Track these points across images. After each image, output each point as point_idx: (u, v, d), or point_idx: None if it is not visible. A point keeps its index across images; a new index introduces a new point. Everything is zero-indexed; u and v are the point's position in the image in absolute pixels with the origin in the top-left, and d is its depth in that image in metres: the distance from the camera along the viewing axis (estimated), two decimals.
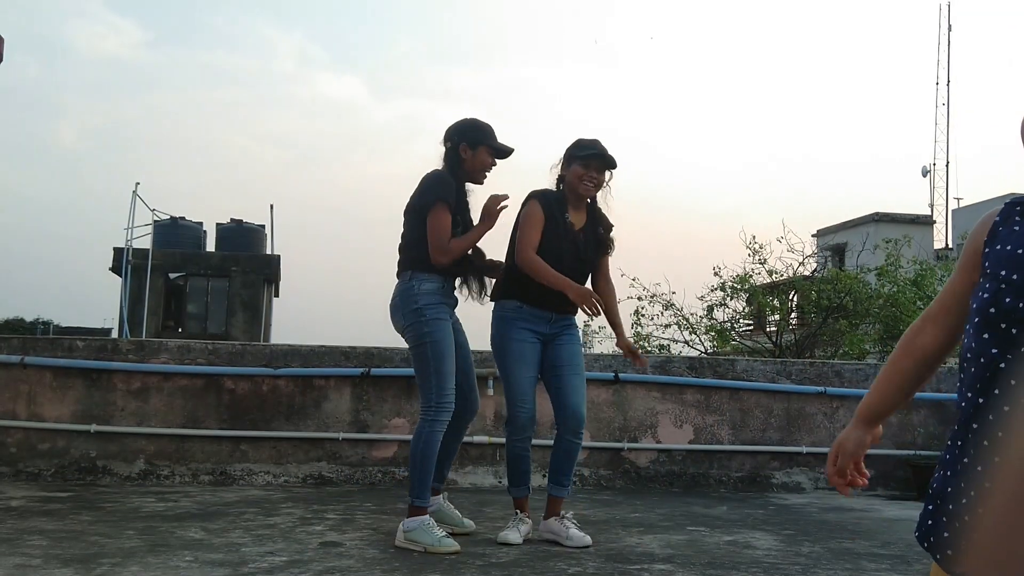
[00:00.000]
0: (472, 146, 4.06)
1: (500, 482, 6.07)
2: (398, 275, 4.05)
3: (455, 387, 3.96)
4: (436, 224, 3.92)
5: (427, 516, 3.84)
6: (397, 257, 4.09)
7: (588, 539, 3.94)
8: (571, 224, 4.12)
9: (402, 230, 4.11)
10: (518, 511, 4.10)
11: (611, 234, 4.27)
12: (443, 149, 4.14)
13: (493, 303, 4.18)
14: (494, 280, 4.25)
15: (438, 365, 3.90)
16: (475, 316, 4.43)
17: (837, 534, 4.54)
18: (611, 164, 4.12)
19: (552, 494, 4.11)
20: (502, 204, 4.01)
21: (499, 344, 4.12)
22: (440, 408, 3.89)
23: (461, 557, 3.62)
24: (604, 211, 4.26)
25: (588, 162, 4.08)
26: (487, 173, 4.12)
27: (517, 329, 4.06)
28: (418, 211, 4.00)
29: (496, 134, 4.16)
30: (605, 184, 4.18)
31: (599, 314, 3.97)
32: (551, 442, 4.25)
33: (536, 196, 4.10)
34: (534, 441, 4.24)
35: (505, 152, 4.13)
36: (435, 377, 3.89)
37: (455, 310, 4.14)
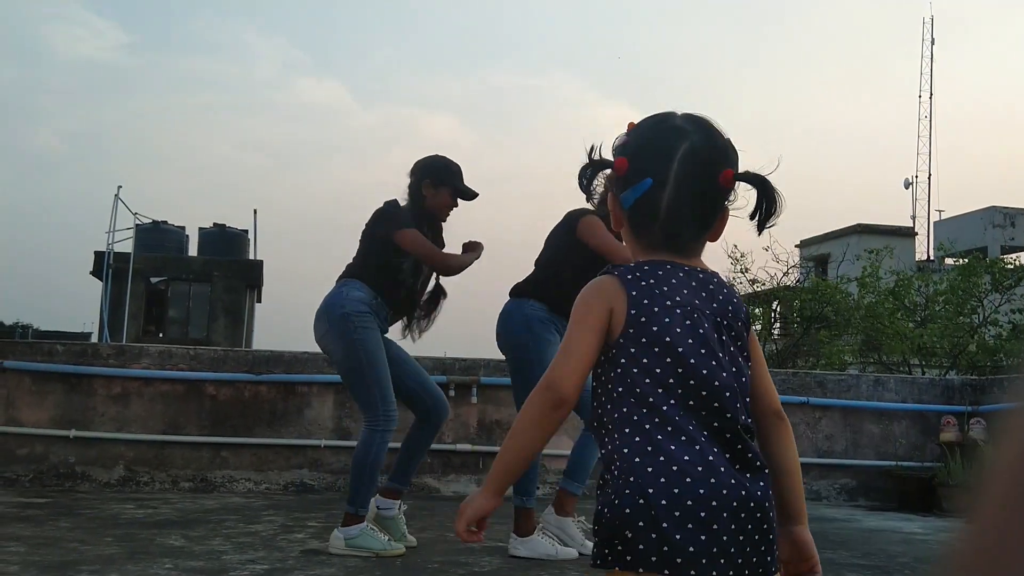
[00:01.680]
0: (435, 185, 4.00)
1: None
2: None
3: (416, 394, 3.97)
4: (417, 241, 3.84)
5: (365, 523, 3.79)
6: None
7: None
8: None
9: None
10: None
11: None
12: (408, 181, 4.06)
13: (517, 298, 3.96)
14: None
15: (377, 373, 3.76)
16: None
17: (818, 544, 4.52)
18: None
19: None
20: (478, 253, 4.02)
21: (532, 344, 3.86)
22: (388, 419, 3.76)
23: (443, 566, 3.60)
24: None
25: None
26: (448, 212, 4.07)
27: (552, 332, 3.91)
28: (374, 238, 3.95)
29: (463, 176, 4.11)
30: None
31: None
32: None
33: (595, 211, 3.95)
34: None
35: (468, 195, 4.09)
36: (376, 388, 3.75)
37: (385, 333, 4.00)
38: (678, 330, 1.29)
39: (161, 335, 22.10)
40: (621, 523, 1.22)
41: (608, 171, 1.40)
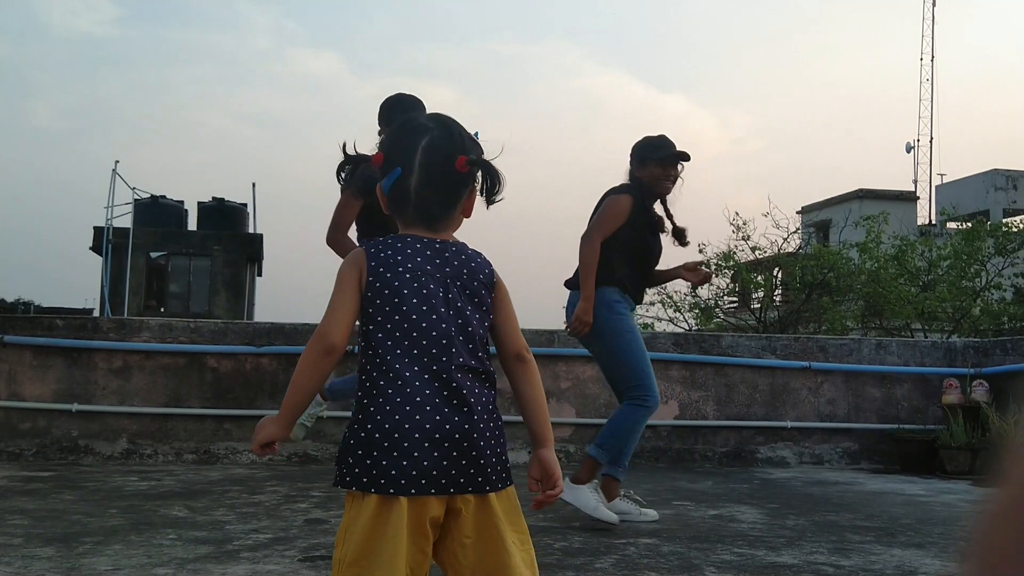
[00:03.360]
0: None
1: None
2: None
3: None
4: (339, 205, 4.29)
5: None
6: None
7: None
8: (658, 219, 4.19)
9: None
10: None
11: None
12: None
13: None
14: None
15: None
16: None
17: (821, 507, 4.56)
18: (686, 158, 4.14)
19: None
20: None
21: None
22: None
23: None
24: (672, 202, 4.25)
25: (666, 161, 4.11)
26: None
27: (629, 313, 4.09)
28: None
29: (411, 109, 4.14)
30: (680, 177, 4.22)
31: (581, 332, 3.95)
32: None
33: (631, 192, 4.07)
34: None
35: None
36: None
37: None
38: (405, 291, 1.56)
39: (163, 310, 22.12)
40: (346, 452, 1.53)
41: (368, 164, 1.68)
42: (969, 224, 15.96)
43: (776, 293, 17.80)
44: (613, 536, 3.62)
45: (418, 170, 1.60)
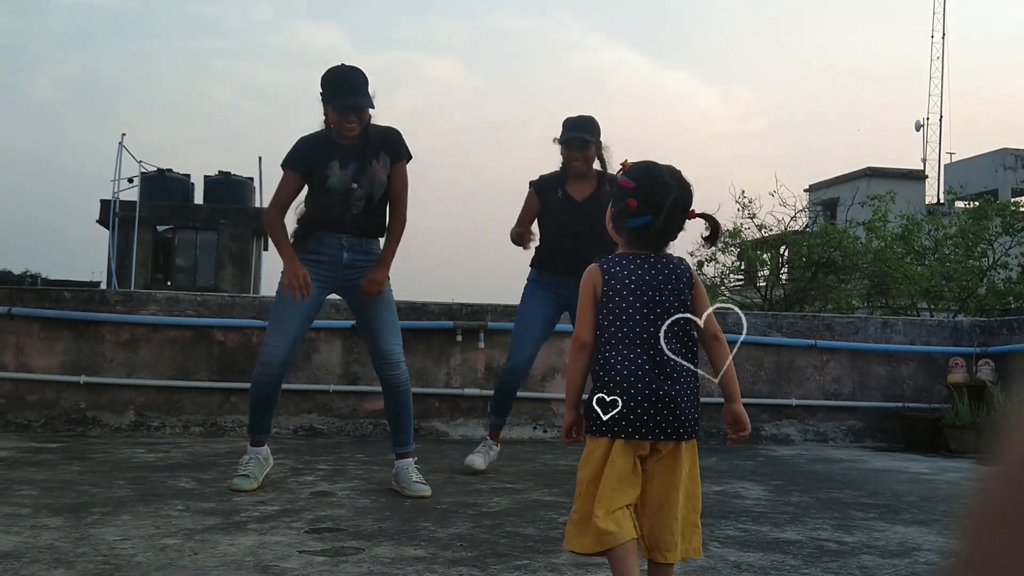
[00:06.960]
0: (324, 104, 3.82)
1: None
2: None
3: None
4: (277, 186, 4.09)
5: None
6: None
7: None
8: (570, 197, 4.42)
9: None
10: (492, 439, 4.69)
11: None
12: None
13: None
14: None
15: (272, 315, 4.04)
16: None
17: (825, 484, 4.57)
18: (584, 143, 4.30)
19: None
20: None
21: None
22: (260, 356, 3.94)
23: (452, 507, 3.63)
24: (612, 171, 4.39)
25: (568, 143, 4.34)
26: (347, 127, 3.78)
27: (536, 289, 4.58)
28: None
29: (341, 87, 3.76)
30: (603, 150, 4.38)
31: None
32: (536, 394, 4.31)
33: (532, 182, 4.53)
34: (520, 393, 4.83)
35: (345, 107, 3.75)
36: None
37: (344, 268, 4.07)
38: (625, 293, 2.10)
39: (169, 283, 22.16)
40: (589, 410, 2.07)
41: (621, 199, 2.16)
42: (976, 203, 15.87)
43: (782, 271, 17.77)
44: None
45: (663, 220, 2.12)
